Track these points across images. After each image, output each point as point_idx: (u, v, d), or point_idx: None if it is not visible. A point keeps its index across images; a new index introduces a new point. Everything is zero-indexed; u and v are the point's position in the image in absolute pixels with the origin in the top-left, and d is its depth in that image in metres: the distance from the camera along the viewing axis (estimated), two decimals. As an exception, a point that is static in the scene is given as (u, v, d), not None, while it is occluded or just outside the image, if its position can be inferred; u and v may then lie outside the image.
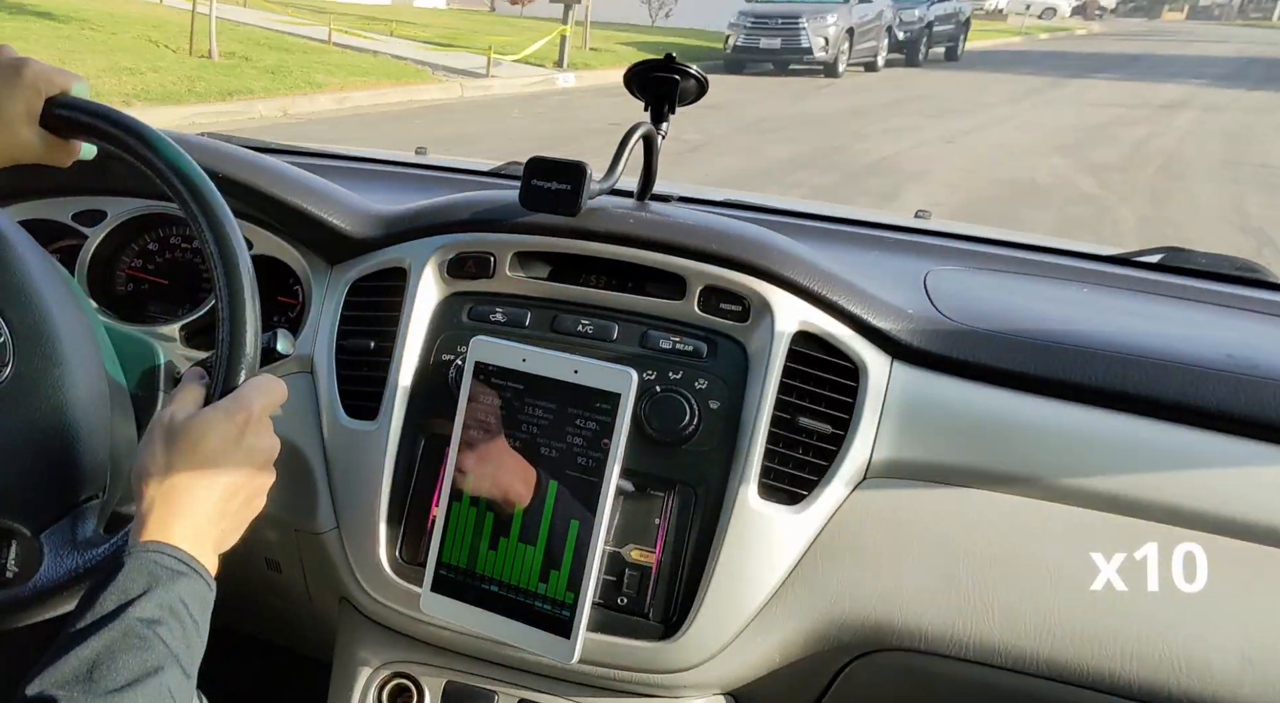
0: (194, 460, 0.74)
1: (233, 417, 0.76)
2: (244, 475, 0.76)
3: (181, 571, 0.70)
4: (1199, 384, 0.94)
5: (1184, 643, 0.89)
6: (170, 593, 0.68)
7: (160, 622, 0.66)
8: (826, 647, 0.99)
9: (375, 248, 1.13)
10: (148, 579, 0.67)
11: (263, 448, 0.79)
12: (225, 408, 0.77)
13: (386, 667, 1.09)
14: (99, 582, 0.68)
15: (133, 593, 0.66)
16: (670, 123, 1.09)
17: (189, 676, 0.68)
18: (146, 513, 0.72)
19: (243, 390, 0.78)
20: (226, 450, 0.75)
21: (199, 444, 0.74)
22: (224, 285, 0.79)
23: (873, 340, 1.00)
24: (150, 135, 0.81)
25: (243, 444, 0.76)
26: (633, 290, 1.04)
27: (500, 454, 0.93)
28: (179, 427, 0.75)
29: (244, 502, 0.78)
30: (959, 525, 0.96)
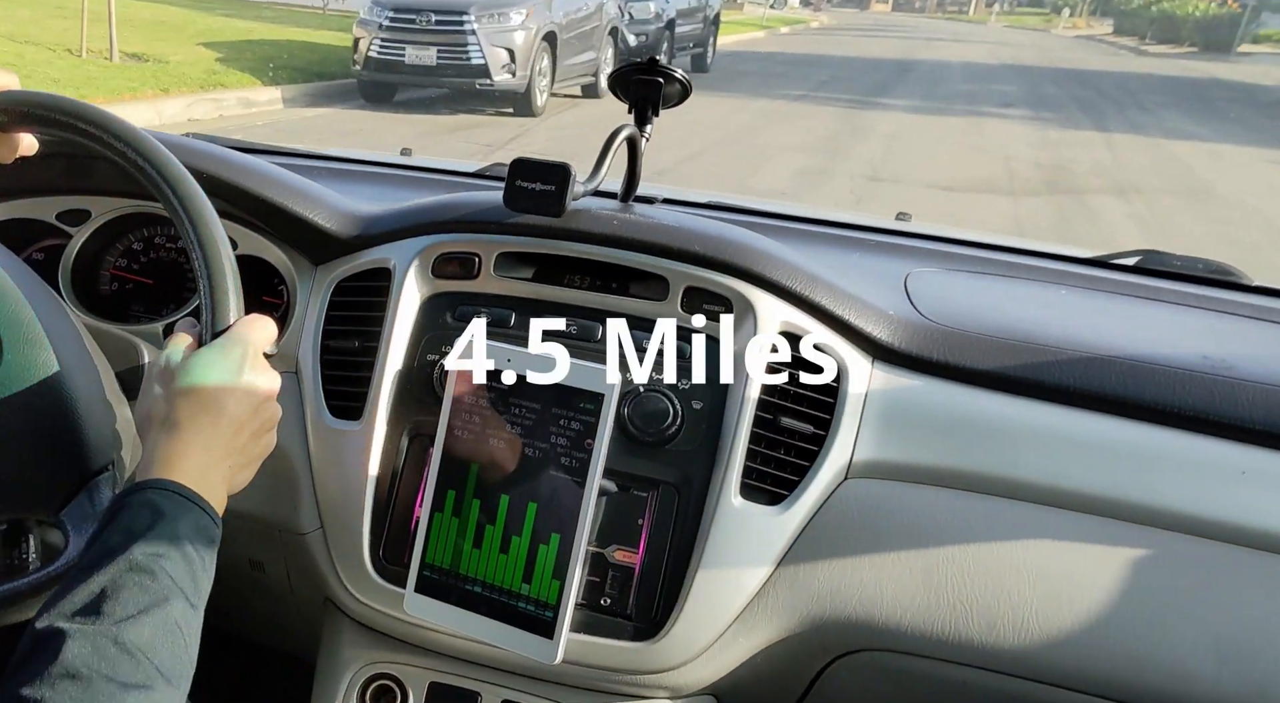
0: (195, 399, 0.74)
1: (229, 353, 0.77)
2: (247, 410, 0.77)
3: (186, 506, 0.70)
4: (1175, 385, 0.96)
5: (1158, 643, 0.91)
6: (175, 528, 0.68)
7: (164, 556, 0.67)
8: (808, 647, 1.00)
9: (360, 248, 1.13)
10: (151, 515, 0.68)
11: (263, 382, 0.79)
12: (220, 346, 0.77)
13: (370, 667, 1.09)
14: (106, 520, 0.69)
15: (137, 528, 0.67)
16: (653, 125, 1.10)
17: (195, 607, 0.68)
18: (151, 453, 0.73)
19: (235, 328, 0.79)
20: (227, 386, 0.76)
21: (199, 383, 0.75)
22: (194, 237, 0.80)
23: (854, 341, 1.01)
24: (95, 115, 0.82)
25: (242, 379, 0.77)
26: (616, 291, 1.04)
27: (484, 455, 0.94)
28: (177, 367, 0.76)
29: (251, 437, 0.78)
30: (939, 526, 0.97)
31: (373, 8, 9.33)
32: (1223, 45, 24.87)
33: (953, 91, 14.27)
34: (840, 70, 16.54)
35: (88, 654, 0.60)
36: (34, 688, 0.59)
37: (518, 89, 9.22)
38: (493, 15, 9.03)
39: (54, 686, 0.59)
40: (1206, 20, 26.35)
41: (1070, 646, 0.92)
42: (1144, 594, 0.92)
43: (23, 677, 0.60)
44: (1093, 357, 0.99)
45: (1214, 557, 0.92)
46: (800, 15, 37.64)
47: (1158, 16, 29.47)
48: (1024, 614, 0.93)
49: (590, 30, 10.50)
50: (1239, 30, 25.40)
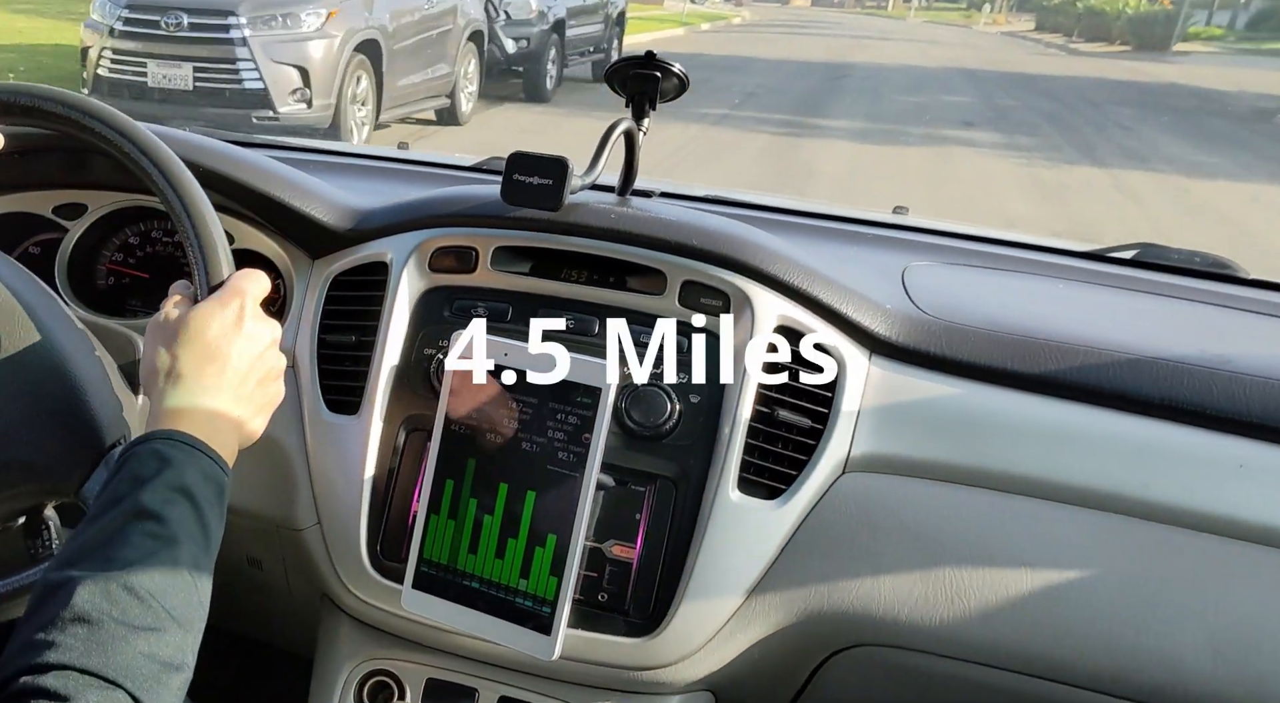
0: (197, 349, 0.75)
1: (227, 304, 0.78)
2: (251, 358, 0.78)
3: (193, 454, 0.71)
4: (1173, 379, 0.95)
5: (1155, 636, 0.91)
6: (181, 475, 0.69)
7: (172, 502, 0.67)
8: (806, 642, 0.99)
9: (357, 242, 1.12)
10: (158, 463, 0.69)
11: (263, 330, 0.80)
12: (217, 298, 0.78)
13: (367, 663, 1.09)
14: (114, 471, 0.69)
15: (144, 476, 0.68)
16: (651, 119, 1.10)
17: (207, 552, 0.69)
18: (158, 406, 0.74)
19: (230, 281, 0.80)
20: (227, 335, 0.76)
21: (199, 334, 0.76)
22: (180, 206, 0.81)
23: (851, 335, 1.01)
24: (76, 99, 0.83)
25: (242, 328, 0.78)
26: (614, 285, 1.04)
27: (482, 450, 0.93)
28: (176, 321, 0.77)
29: (257, 385, 0.79)
30: (937, 520, 0.96)
31: (104, 4, 6.28)
32: (1157, 44, 23.21)
33: (900, 107, 12.13)
34: (767, 77, 14.27)
35: (97, 598, 0.61)
36: (46, 633, 0.59)
37: (317, 124, 6.18)
38: (274, 18, 6.07)
39: (65, 629, 0.59)
40: (1139, 18, 24.88)
41: (1067, 640, 0.92)
42: (1141, 588, 0.92)
43: (35, 622, 0.60)
44: (1090, 350, 0.99)
45: (1211, 550, 0.92)
46: (722, 11, 35.05)
47: (1084, 13, 28.24)
48: (1021, 609, 0.93)
49: (438, 36, 7.43)
50: (1175, 28, 23.90)
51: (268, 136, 1.66)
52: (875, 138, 9.49)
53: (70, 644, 0.59)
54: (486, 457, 0.93)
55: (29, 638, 0.59)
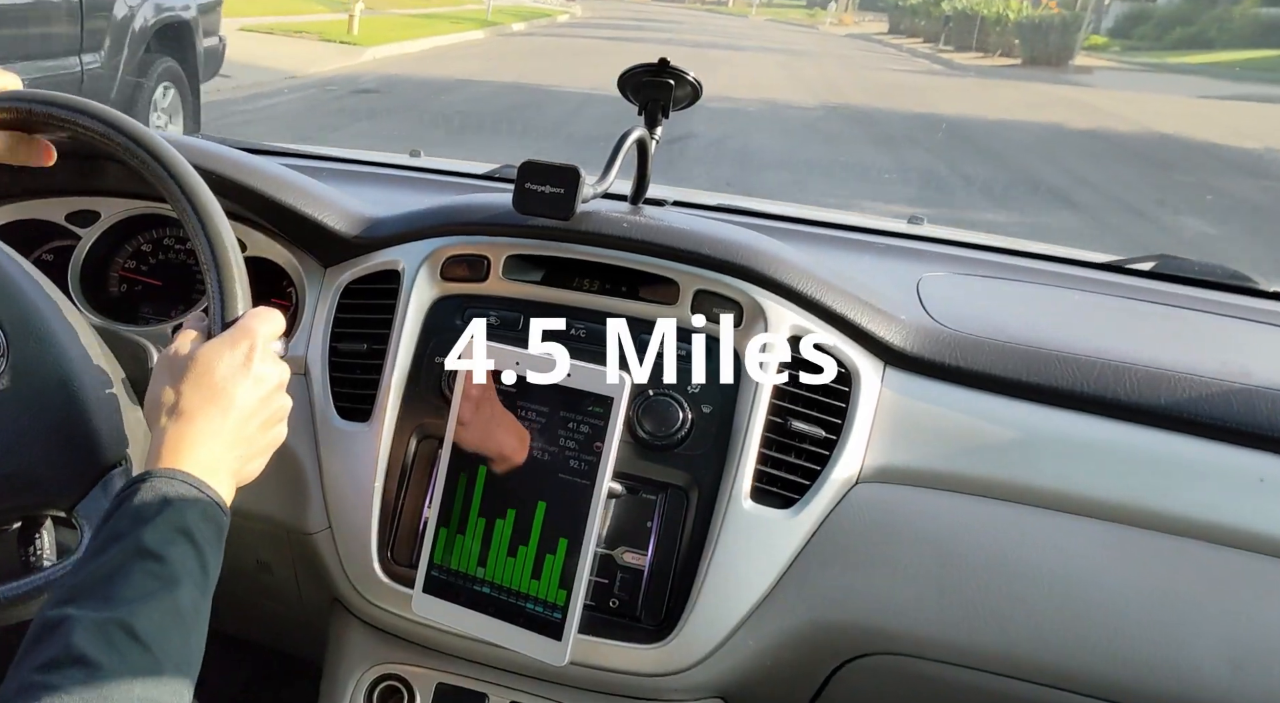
0: (204, 388, 0.75)
1: (237, 344, 0.77)
2: (256, 400, 0.77)
3: (194, 495, 0.70)
4: (1191, 392, 0.95)
5: (1173, 648, 0.90)
6: (182, 516, 0.68)
7: (173, 542, 0.67)
8: (818, 651, 0.99)
9: (369, 250, 1.13)
10: (160, 502, 0.68)
11: (271, 372, 0.79)
12: (228, 337, 0.78)
13: (377, 668, 1.09)
14: (114, 507, 0.69)
15: (145, 515, 0.67)
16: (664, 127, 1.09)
17: (203, 595, 0.68)
18: (160, 442, 0.73)
19: (243, 320, 0.79)
20: (235, 376, 0.76)
21: (207, 372, 0.75)
22: (202, 235, 0.80)
23: (865, 346, 1.01)
24: (113, 117, 0.82)
25: (250, 369, 0.77)
26: (626, 294, 1.04)
27: (493, 457, 0.93)
28: (185, 357, 0.76)
29: (260, 427, 0.78)
30: (951, 531, 0.96)
31: None
32: (1053, 57, 19.75)
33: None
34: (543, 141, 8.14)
35: (96, 640, 0.60)
36: (42, 674, 0.59)
37: None
38: None
39: (62, 672, 0.59)
40: (1031, 26, 20.70)
41: (1082, 651, 0.91)
42: (1158, 600, 0.91)
43: (31, 663, 0.60)
44: (1108, 362, 0.98)
45: (1229, 564, 0.91)
46: (549, 8, 30.83)
47: (955, 17, 24.15)
48: (1037, 619, 0.92)
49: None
50: (1075, 38, 20.21)
51: (280, 144, 1.67)
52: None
53: (68, 688, 0.58)
54: (498, 464, 0.93)
55: (27, 679, 0.59)
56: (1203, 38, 22.19)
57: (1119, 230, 6.57)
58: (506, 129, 8.48)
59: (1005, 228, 6.16)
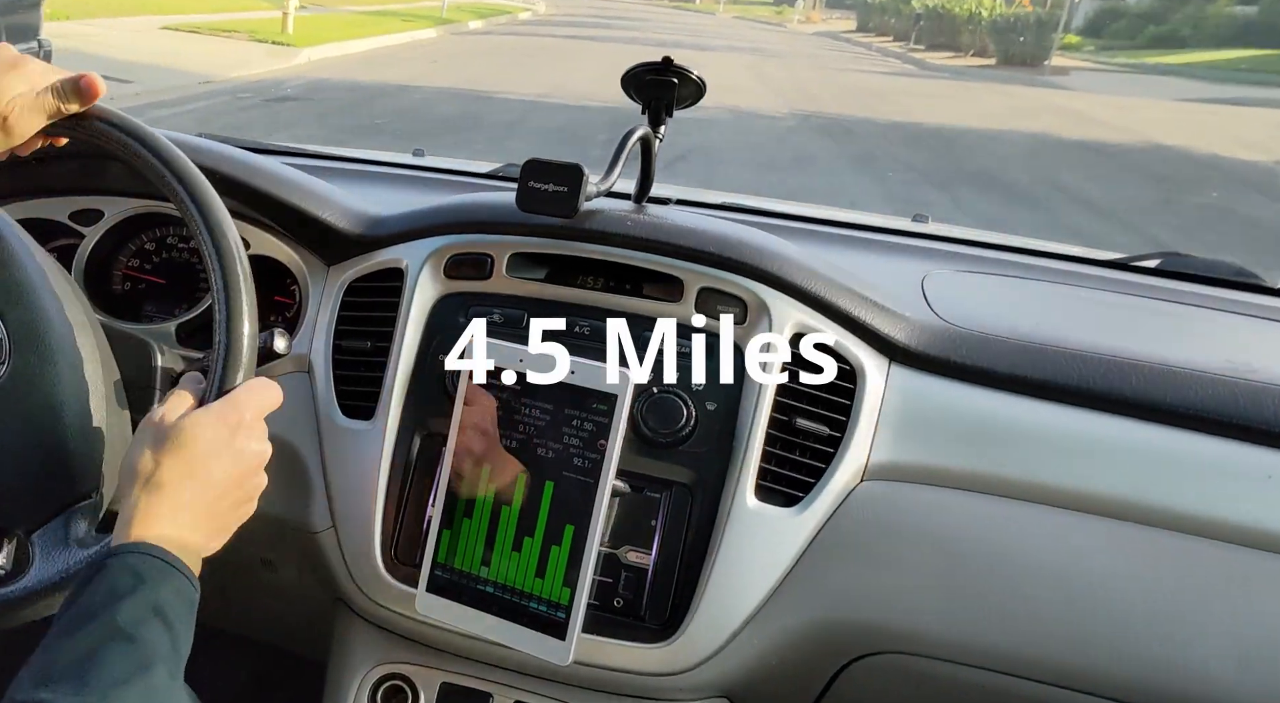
0: (183, 461, 0.73)
1: (225, 419, 0.76)
2: (233, 479, 0.76)
3: (167, 571, 0.69)
4: (1197, 389, 0.94)
5: (1180, 647, 0.89)
6: (156, 593, 0.67)
7: (146, 622, 0.65)
8: (824, 649, 0.99)
9: (372, 248, 1.13)
10: (133, 579, 0.67)
11: (254, 452, 0.78)
12: (218, 410, 0.76)
13: (381, 667, 1.09)
14: (85, 581, 0.67)
15: (119, 593, 0.66)
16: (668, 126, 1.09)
17: (175, 677, 0.67)
18: (132, 512, 0.72)
19: (237, 393, 0.78)
20: (216, 452, 0.74)
21: (188, 445, 0.74)
22: (220, 286, 0.79)
23: (870, 343, 1.00)
24: (147, 135, 0.81)
25: (233, 446, 0.75)
26: (630, 292, 1.04)
27: (496, 455, 0.93)
28: (170, 427, 0.75)
29: (232, 505, 0.77)
30: (957, 529, 0.96)
31: None
32: (1028, 57, 18.95)
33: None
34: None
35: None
36: None
37: None
38: None
39: None
40: (1006, 24, 19.73)
41: (1090, 649, 0.91)
42: (1165, 598, 0.91)
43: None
44: (1114, 359, 0.98)
45: (1237, 561, 0.90)
46: (511, 5, 29.42)
47: (926, 15, 23.20)
48: (1043, 617, 0.92)
49: None
50: (1050, 38, 19.10)
51: (284, 143, 1.67)
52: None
53: None
54: (501, 462, 0.93)
55: None
56: (1176, 37, 21.80)
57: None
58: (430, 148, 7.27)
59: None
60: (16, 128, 0.79)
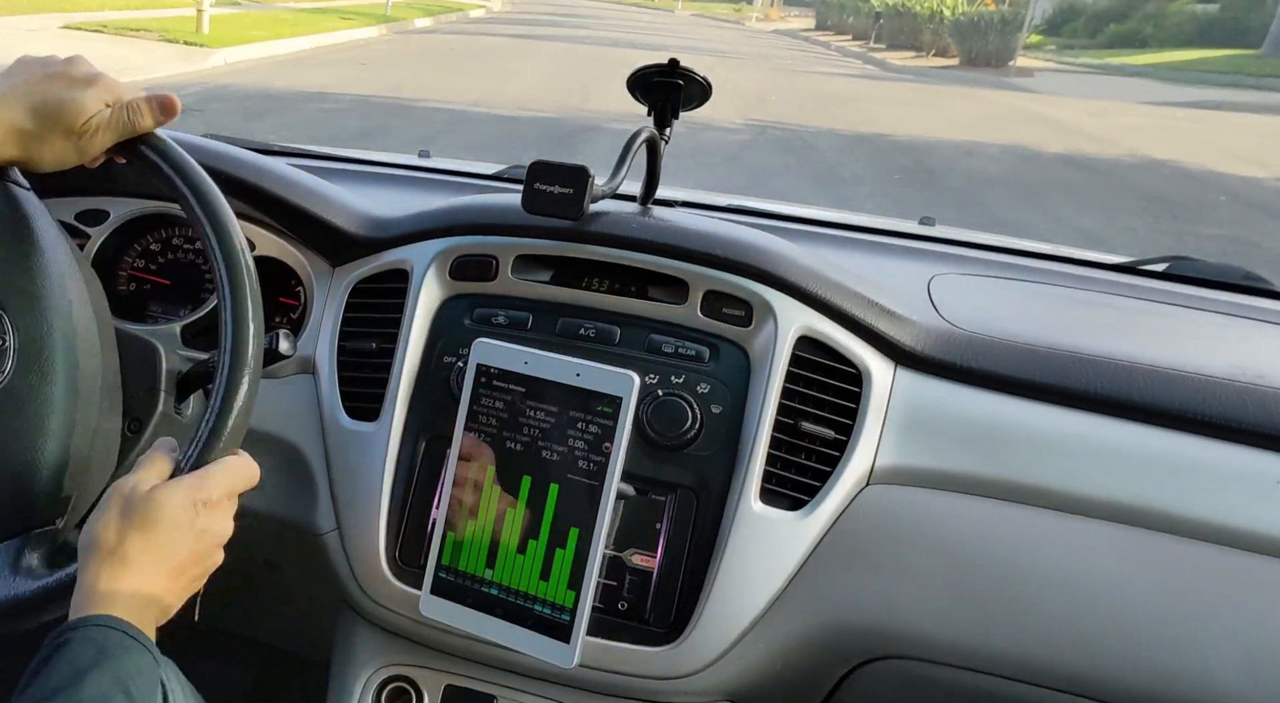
0: (147, 536, 0.72)
1: (193, 496, 0.74)
2: (194, 557, 0.75)
3: (130, 645, 0.68)
4: (1205, 394, 0.94)
5: (1188, 654, 0.89)
6: (120, 667, 0.66)
7: (110, 697, 0.64)
8: (829, 654, 0.98)
9: (378, 250, 1.13)
10: (96, 653, 0.66)
11: (217, 531, 0.76)
12: (188, 486, 0.74)
13: (385, 669, 1.09)
14: (46, 657, 0.66)
15: (82, 668, 0.65)
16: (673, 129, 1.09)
17: None
18: (94, 585, 0.71)
19: (211, 469, 0.76)
20: (181, 529, 0.73)
21: (154, 521, 0.72)
22: (227, 294, 0.77)
23: (876, 346, 1.00)
24: (153, 137, 0.81)
25: (197, 525, 0.74)
26: (635, 294, 1.03)
27: (501, 457, 0.93)
28: (138, 499, 0.73)
29: (188, 582, 0.76)
30: (963, 533, 0.95)
31: None
32: (993, 57, 17.99)
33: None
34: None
35: None
36: None
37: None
38: None
39: None
40: (970, 23, 18.60)
41: (1096, 655, 0.90)
42: (1173, 605, 0.90)
43: None
44: (1121, 364, 0.97)
45: (1246, 567, 0.90)
46: (466, 1, 27.92)
47: (886, 14, 21.99)
48: (1049, 623, 0.92)
49: None
50: (1015, 38, 18.10)
51: (289, 144, 1.67)
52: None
53: None
54: (506, 465, 0.93)
55: None
56: (1137, 36, 21.22)
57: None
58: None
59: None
60: (91, 145, 0.79)
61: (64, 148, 0.80)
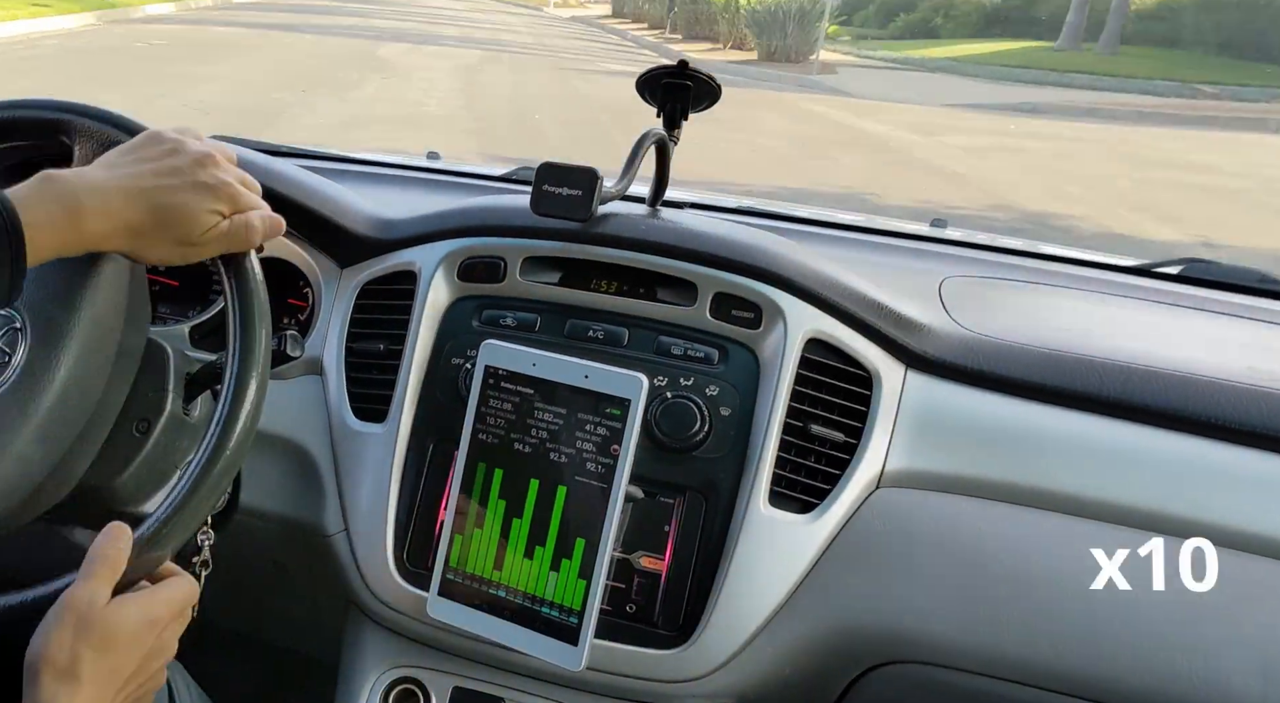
0: (101, 655, 0.71)
1: (148, 614, 0.74)
2: (146, 669, 0.75)
3: None
4: (1220, 397, 0.93)
5: (1203, 658, 0.88)
6: None
7: None
8: (838, 658, 0.98)
9: (386, 251, 1.13)
10: None
11: (167, 648, 0.77)
12: (142, 605, 0.74)
13: (393, 671, 1.09)
14: None
15: None
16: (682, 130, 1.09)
17: None
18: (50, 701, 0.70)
19: (159, 590, 0.76)
20: (136, 645, 0.73)
21: (110, 640, 0.71)
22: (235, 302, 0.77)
23: (886, 349, 1.00)
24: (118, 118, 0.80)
25: (151, 642, 0.74)
26: (644, 296, 1.03)
27: (509, 459, 0.93)
28: (94, 619, 0.72)
29: (138, 688, 0.76)
30: (974, 537, 0.94)
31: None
32: (794, 52, 16.01)
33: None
34: None
35: None
36: None
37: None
38: None
39: None
40: (767, 14, 16.55)
41: (1110, 661, 0.90)
42: (1188, 609, 0.89)
43: None
44: (1134, 367, 0.96)
45: (1260, 572, 0.89)
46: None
47: (681, 2, 19.81)
48: (1061, 628, 0.91)
49: None
50: (819, 26, 15.95)
51: (297, 145, 1.67)
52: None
53: None
54: (514, 466, 0.93)
55: None
56: (926, 26, 20.19)
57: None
58: None
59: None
60: (198, 253, 0.77)
61: (172, 251, 0.78)
